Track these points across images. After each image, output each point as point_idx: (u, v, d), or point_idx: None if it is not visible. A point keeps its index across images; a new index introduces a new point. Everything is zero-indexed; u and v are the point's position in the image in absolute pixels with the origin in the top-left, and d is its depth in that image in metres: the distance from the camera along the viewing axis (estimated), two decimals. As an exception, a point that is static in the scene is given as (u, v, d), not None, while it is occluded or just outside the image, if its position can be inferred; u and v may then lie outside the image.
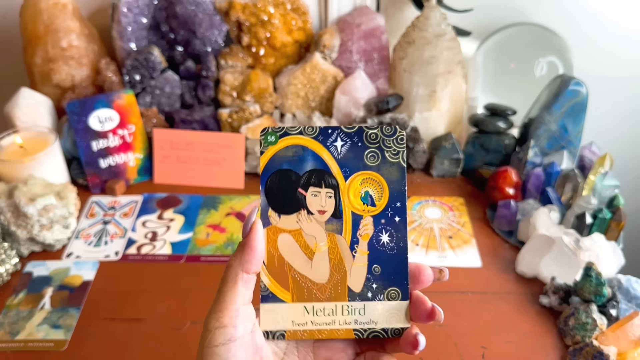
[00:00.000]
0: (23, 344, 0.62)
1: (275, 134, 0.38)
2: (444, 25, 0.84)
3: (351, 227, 0.38)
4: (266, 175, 0.38)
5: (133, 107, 0.85)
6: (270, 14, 0.87)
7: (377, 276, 0.37)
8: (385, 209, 0.38)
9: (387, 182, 0.38)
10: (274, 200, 0.38)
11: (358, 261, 0.37)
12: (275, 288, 0.37)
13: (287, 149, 0.38)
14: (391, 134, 0.38)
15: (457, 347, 0.61)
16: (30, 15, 0.85)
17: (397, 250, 0.37)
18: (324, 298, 0.37)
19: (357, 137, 0.38)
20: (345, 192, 0.38)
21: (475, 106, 0.93)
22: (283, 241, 0.37)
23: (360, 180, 0.38)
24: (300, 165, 0.38)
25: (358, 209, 0.38)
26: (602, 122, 0.97)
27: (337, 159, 0.38)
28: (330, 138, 0.38)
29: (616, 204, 0.71)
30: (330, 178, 0.38)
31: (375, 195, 0.38)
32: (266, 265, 0.37)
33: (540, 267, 0.68)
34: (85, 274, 0.71)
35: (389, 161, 0.38)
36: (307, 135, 0.38)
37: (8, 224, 0.71)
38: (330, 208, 0.38)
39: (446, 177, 0.88)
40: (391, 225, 0.37)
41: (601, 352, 0.56)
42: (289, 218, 0.38)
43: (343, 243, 0.37)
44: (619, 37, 0.95)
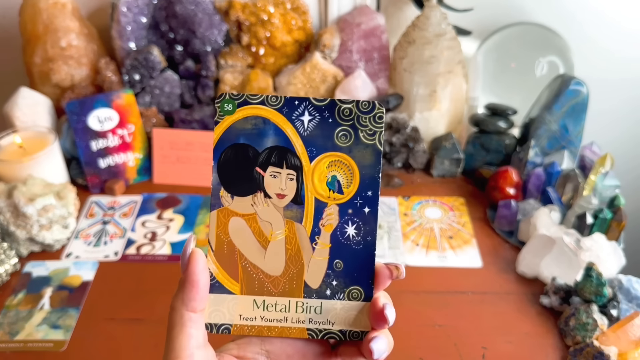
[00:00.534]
0: (22, 344, 0.62)
1: (232, 101, 0.33)
2: (445, 25, 0.84)
3: (313, 215, 0.33)
4: (220, 149, 0.33)
5: (132, 107, 0.85)
6: (270, 13, 0.87)
7: (338, 272, 0.33)
8: (354, 198, 0.33)
9: (358, 167, 0.33)
10: (227, 179, 0.33)
11: (318, 254, 0.33)
12: (223, 277, 0.33)
13: (246, 120, 0.33)
14: (368, 110, 0.33)
15: (457, 347, 0.61)
16: (30, 15, 0.84)
17: (363, 245, 0.33)
18: (276, 292, 0.33)
19: (328, 111, 0.33)
20: (310, 174, 0.33)
21: (475, 106, 0.93)
22: (235, 226, 0.33)
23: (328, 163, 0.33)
24: (259, 141, 0.33)
25: (323, 196, 0.33)
26: (603, 122, 0.97)
27: (303, 136, 0.33)
28: (297, 111, 0.33)
29: (617, 204, 0.71)
30: (293, 157, 0.33)
31: (344, 181, 0.33)
32: (214, 251, 0.33)
33: (541, 267, 0.68)
34: (84, 274, 0.71)
35: (363, 142, 0.33)
36: (270, 106, 0.33)
37: (7, 224, 0.71)
38: (291, 192, 0.33)
39: (446, 177, 0.88)
40: (359, 216, 0.33)
41: (602, 352, 0.56)
42: (243, 200, 0.33)
43: (303, 232, 0.33)
44: (619, 37, 0.95)
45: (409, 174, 0.88)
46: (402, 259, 0.72)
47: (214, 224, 0.33)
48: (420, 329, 0.63)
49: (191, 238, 0.32)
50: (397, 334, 0.64)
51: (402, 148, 0.86)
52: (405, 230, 0.77)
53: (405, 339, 0.62)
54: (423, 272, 0.71)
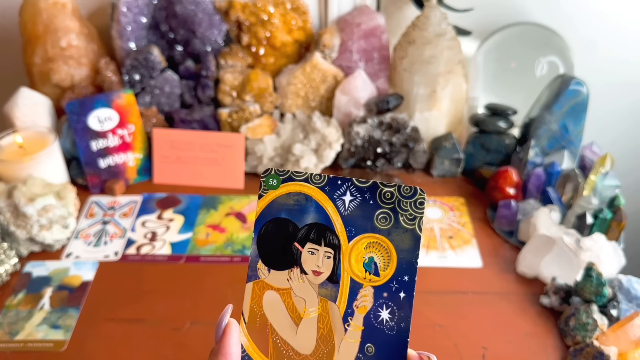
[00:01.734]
0: (22, 344, 0.62)
1: (277, 177, 0.34)
2: (445, 25, 0.84)
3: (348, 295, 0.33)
4: (261, 222, 0.34)
5: (132, 107, 0.85)
6: (270, 13, 0.87)
7: (369, 357, 0.33)
8: (390, 281, 0.33)
9: (396, 250, 0.33)
10: (265, 252, 0.33)
11: (350, 336, 0.33)
12: (253, 351, 0.33)
13: (289, 196, 0.34)
14: (410, 195, 0.33)
15: (457, 348, 0.61)
16: (30, 15, 0.84)
17: (397, 331, 0.33)
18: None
19: (370, 193, 0.33)
20: (347, 254, 0.33)
21: (475, 106, 0.93)
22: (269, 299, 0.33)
23: (366, 244, 0.33)
24: (300, 216, 0.33)
25: (358, 276, 0.33)
26: (603, 122, 0.97)
27: (343, 215, 0.33)
28: (339, 190, 0.33)
29: (617, 204, 0.71)
30: (331, 235, 0.33)
31: (381, 264, 0.33)
32: (247, 323, 0.33)
33: (541, 268, 0.68)
34: (84, 274, 0.71)
35: (403, 226, 0.33)
36: (313, 184, 0.34)
37: (7, 224, 0.71)
38: (327, 270, 0.33)
39: (446, 177, 0.88)
40: (394, 301, 0.33)
41: (602, 352, 0.56)
42: (279, 274, 0.33)
43: (336, 312, 0.33)
44: (619, 37, 0.95)
45: (409, 174, 0.88)
46: (402, 259, 0.72)
47: (248, 296, 0.33)
48: (420, 329, 0.63)
49: (228, 309, 0.32)
50: (397, 334, 0.63)
51: (402, 148, 0.86)
52: (405, 230, 0.77)
53: None
54: (423, 272, 0.71)
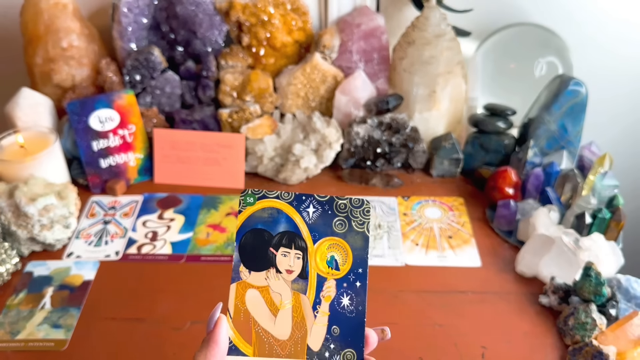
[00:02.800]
0: (23, 343, 0.62)
1: (254, 195, 0.41)
2: (444, 26, 0.85)
3: (315, 288, 0.40)
4: (241, 233, 0.40)
5: (133, 107, 0.85)
6: (270, 14, 0.87)
7: (335, 337, 0.39)
8: (348, 274, 0.40)
9: (351, 249, 0.40)
10: (246, 257, 0.40)
11: (319, 321, 0.39)
12: (239, 341, 0.39)
13: (264, 211, 0.41)
14: (358, 206, 0.41)
15: (457, 347, 0.61)
16: (31, 15, 0.85)
17: (356, 313, 0.39)
18: (283, 354, 0.39)
19: (328, 205, 0.41)
20: (313, 254, 0.40)
21: (475, 106, 0.93)
22: (250, 296, 0.39)
23: (328, 245, 0.40)
24: (274, 226, 0.40)
25: (323, 272, 0.40)
26: (602, 122, 0.97)
27: (308, 224, 0.40)
28: (304, 204, 0.41)
29: (616, 203, 0.71)
30: (300, 240, 0.40)
31: (340, 260, 0.40)
32: (232, 318, 0.39)
33: (540, 267, 0.68)
34: (85, 273, 0.71)
35: (355, 230, 0.40)
36: (283, 200, 0.41)
37: (8, 223, 0.71)
38: (298, 268, 0.40)
39: (446, 177, 0.88)
40: (352, 289, 0.40)
41: (601, 351, 0.56)
42: (258, 275, 0.40)
43: (306, 303, 0.40)
44: (618, 38, 0.95)
45: (408, 174, 0.88)
46: (401, 259, 0.73)
47: (233, 295, 0.39)
48: (420, 329, 0.63)
49: (219, 306, 0.39)
50: (397, 334, 0.64)
51: (402, 148, 0.86)
52: (404, 230, 0.77)
53: (405, 339, 0.62)
54: (422, 272, 0.71)
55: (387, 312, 0.65)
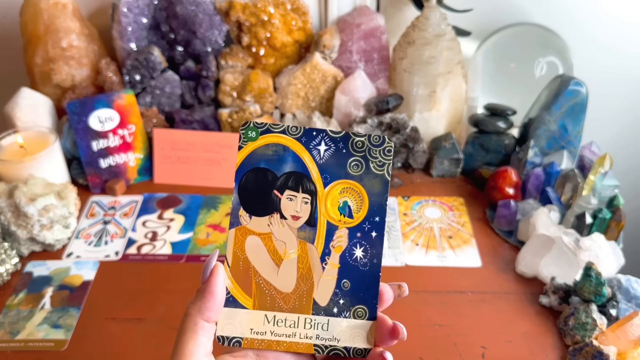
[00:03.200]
0: (23, 343, 0.62)
1: (256, 129, 0.36)
2: (444, 26, 0.85)
3: (324, 237, 0.36)
4: (242, 172, 0.36)
5: (133, 107, 0.85)
6: (270, 14, 0.87)
7: (345, 292, 0.35)
8: (362, 222, 0.36)
9: (368, 194, 0.36)
10: (246, 200, 0.36)
11: (327, 274, 0.35)
12: (237, 292, 0.35)
13: (267, 147, 0.36)
14: (379, 144, 0.36)
15: (457, 347, 0.61)
16: (31, 15, 0.85)
17: (370, 267, 0.35)
18: (287, 308, 0.35)
19: (343, 143, 0.36)
20: (323, 199, 0.36)
21: (475, 106, 0.93)
22: (251, 244, 0.36)
23: (340, 189, 0.36)
24: (278, 166, 0.36)
25: (334, 219, 0.36)
26: (602, 122, 0.97)
27: (319, 164, 0.36)
28: (314, 141, 0.36)
29: (616, 203, 0.71)
30: (308, 183, 0.36)
31: (354, 207, 0.36)
32: (230, 267, 0.35)
33: (540, 267, 0.68)
34: (85, 273, 0.71)
35: (373, 172, 0.36)
36: (290, 135, 0.36)
37: (8, 223, 0.71)
38: (305, 214, 0.36)
39: (446, 177, 0.88)
40: (367, 240, 0.36)
41: (601, 352, 0.56)
42: (260, 220, 0.36)
43: (314, 253, 0.36)
44: (618, 38, 0.95)
45: (408, 174, 0.88)
46: (401, 259, 0.73)
47: (231, 241, 0.36)
48: (420, 329, 0.63)
49: (215, 253, 0.35)
50: (396, 334, 0.63)
51: (402, 148, 0.86)
52: (404, 230, 0.77)
53: (405, 339, 0.62)
54: (423, 272, 0.71)
55: (387, 312, 0.65)
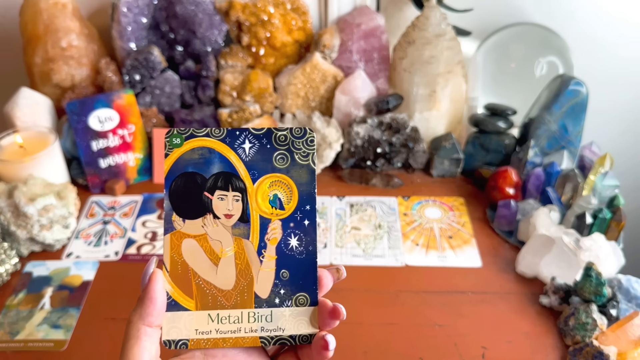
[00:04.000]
0: (23, 344, 0.62)
1: (180, 135, 0.37)
2: (444, 25, 0.84)
3: (259, 231, 0.37)
4: (170, 178, 0.37)
5: (133, 107, 0.85)
6: (270, 13, 0.87)
7: (285, 281, 0.36)
8: (294, 212, 0.37)
9: (296, 185, 0.37)
10: (178, 205, 0.36)
11: (265, 266, 0.36)
12: (179, 296, 0.36)
13: (193, 151, 0.37)
14: (301, 136, 0.37)
15: (457, 347, 0.61)
16: (30, 15, 0.85)
17: (306, 254, 0.37)
18: (229, 305, 0.36)
19: (266, 138, 0.37)
20: (253, 195, 0.37)
21: (475, 106, 0.93)
22: (187, 247, 0.36)
23: (269, 183, 0.37)
24: (206, 168, 0.37)
25: (266, 213, 0.37)
26: (603, 122, 0.97)
27: (245, 162, 0.37)
28: (238, 140, 0.37)
29: (616, 203, 0.71)
30: (237, 181, 0.37)
31: (284, 198, 0.37)
32: (169, 271, 0.36)
33: (541, 267, 0.68)
34: (85, 274, 0.71)
35: (299, 163, 0.37)
36: (214, 137, 0.37)
37: (8, 224, 0.71)
38: (238, 212, 0.37)
39: (446, 177, 0.88)
40: (300, 228, 0.37)
41: (601, 352, 0.56)
42: (194, 223, 0.36)
43: (250, 248, 0.37)
44: (618, 37, 0.95)
45: (408, 174, 0.88)
46: (401, 259, 0.73)
47: (167, 247, 0.36)
48: (420, 329, 0.63)
49: (152, 259, 0.36)
50: (397, 334, 0.64)
51: (402, 148, 0.86)
52: (405, 230, 0.77)
53: (405, 339, 0.62)
54: (423, 272, 0.71)
55: (387, 312, 0.65)
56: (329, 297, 0.37)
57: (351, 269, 0.71)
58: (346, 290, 0.68)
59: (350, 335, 0.62)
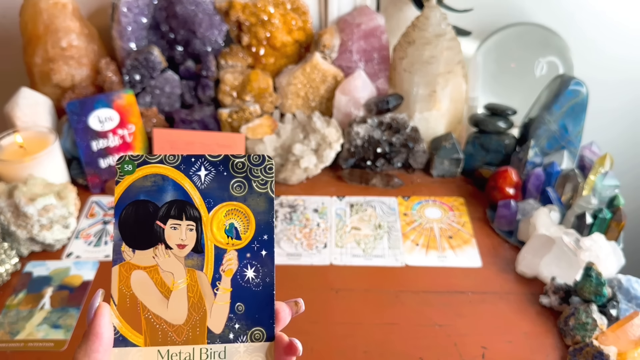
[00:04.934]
0: (23, 344, 0.62)
1: (132, 162, 0.35)
2: (444, 25, 0.84)
3: (213, 262, 0.35)
4: (121, 207, 0.35)
5: (133, 107, 0.85)
6: (270, 13, 0.87)
7: (240, 315, 0.35)
8: (251, 242, 0.35)
9: (253, 214, 0.35)
10: (128, 234, 0.35)
11: (220, 299, 0.35)
12: (127, 330, 0.34)
13: (146, 179, 0.35)
14: (259, 163, 0.36)
15: (457, 347, 0.61)
16: (30, 15, 0.85)
17: (263, 286, 0.35)
18: (180, 341, 0.34)
19: (223, 166, 0.35)
20: (208, 224, 0.35)
21: (475, 106, 0.93)
22: (137, 279, 0.35)
23: (225, 212, 0.35)
24: (159, 196, 0.35)
25: (222, 243, 0.35)
26: (603, 122, 0.97)
27: (200, 189, 0.35)
28: (194, 167, 0.35)
29: (616, 203, 0.71)
30: (192, 209, 0.35)
31: (241, 228, 0.35)
32: (117, 305, 0.34)
33: (541, 267, 0.68)
34: (85, 273, 0.71)
35: (257, 191, 0.35)
36: (168, 164, 0.35)
37: (8, 223, 0.71)
38: (191, 242, 0.35)
39: (446, 177, 0.88)
40: (257, 259, 0.35)
41: (601, 352, 0.56)
42: (144, 253, 0.35)
43: (204, 280, 0.35)
44: (618, 37, 0.95)
45: (408, 174, 0.88)
46: (401, 259, 0.73)
47: (115, 279, 0.35)
48: (420, 329, 0.63)
49: (99, 293, 0.34)
50: (397, 334, 0.64)
51: (402, 148, 0.86)
52: (405, 230, 0.77)
53: (405, 339, 0.62)
54: (423, 272, 0.71)
55: (387, 312, 0.65)
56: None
57: (351, 269, 0.71)
58: (346, 290, 0.68)
59: (350, 335, 0.62)
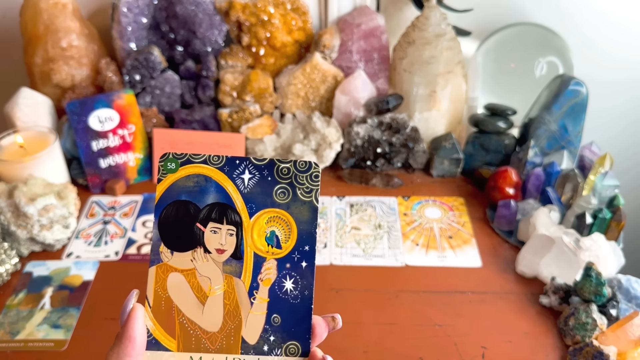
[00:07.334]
0: (23, 343, 0.62)
1: (176, 160, 0.34)
2: (444, 25, 0.85)
3: (252, 270, 0.34)
4: (161, 206, 0.34)
5: (133, 107, 0.85)
6: (270, 14, 0.87)
7: (276, 327, 0.34)
8: (291, 252, 0.34)
9: (296, 223, 0.34)
10: (167, 235, 0.34)
11: (256, 309, 0.34)
12: (160, 334, 0.33)
13: (188, 178, 0.34)
14: (305, 170, 0.34)
15: (457, 347, 0.61)
16: (31, 15, 0.85)
17: (301, 299, 0.34)
18: (213, 349, 0.33)
19: (268, 170, 0.34)
20: (249, 230, 0.34)
21: (475, 106, 0.93)
22: (173, 281, 0.34)
23: (267, 218, 0.34)
24: (201, 198, 0.34)
25: (261, 250, 0.34)
26: (602, 122, 0.97)
27: (243, 193, 0.34)
28: (238, 169, 0.34)
29: (616, 203, 0.71)
30: (233, 213, 0.34)
31: (282, 236, 0.34)
32: (152, 307, 0.34)
33: (540, 267, 0.68)
34: (85, 273, 0.71)
35: (300, 199, 0.34)
36: (212, 165, 0.34)
37: (8, 223, 0.71)
38: (231, 247, 0.34)
39: (446, 177, 0.88)
40: (297, 271, 0.34)
41: (601, 352, 0.56)
42: (182, 256, 0.34)
43: (241, 287, 0.34)
44: (618, 37, 0.95)
45: (408, 174, 0.88)
46: (401, 259, 0.73)
47: (152, 280, 0.34)
48: (420, 329, 0.63)
49: (133, 293, 0.33)
50: (397, 334, 0.64)
51: (402, 148, 0.86)
52: (405, 230, 0.77)
53: (405, 339, 0.62)
54: (423, 272, 0.71)
55: (387, 312, 0.65)
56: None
57: (351, 268, 0.71)
58: (346, 290, 0.68)
59: (350, 335, 0.62)
